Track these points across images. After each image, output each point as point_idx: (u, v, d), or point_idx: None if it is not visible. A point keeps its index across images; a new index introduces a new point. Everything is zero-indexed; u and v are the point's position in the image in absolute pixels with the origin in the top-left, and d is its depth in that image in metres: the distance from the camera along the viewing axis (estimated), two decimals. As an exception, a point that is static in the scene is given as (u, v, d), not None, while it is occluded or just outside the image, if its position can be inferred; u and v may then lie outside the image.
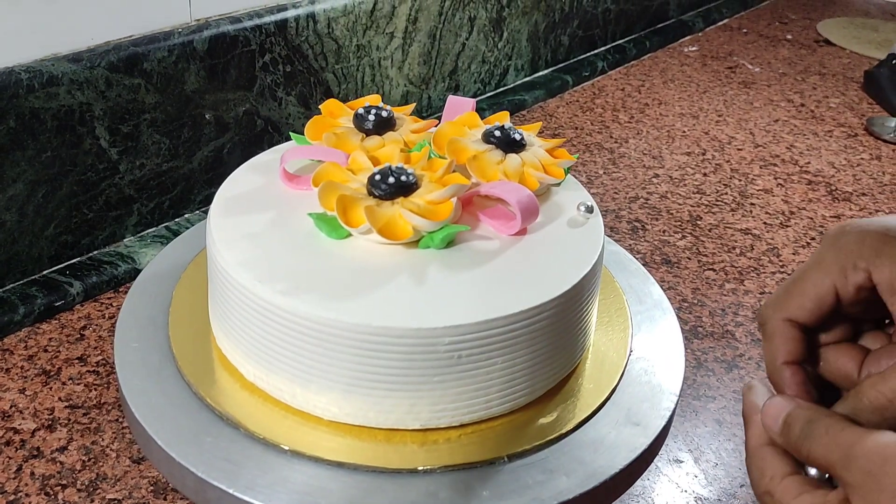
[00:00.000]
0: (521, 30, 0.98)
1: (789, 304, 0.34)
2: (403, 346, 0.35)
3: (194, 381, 0.40)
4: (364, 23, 0.78)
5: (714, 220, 0.79)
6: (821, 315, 0.34)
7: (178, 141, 0.67)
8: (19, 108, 0.57)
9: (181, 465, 0.36)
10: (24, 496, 0.47)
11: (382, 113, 0.46)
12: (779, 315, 0.34)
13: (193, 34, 0.65)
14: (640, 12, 1.18)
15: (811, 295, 0.33)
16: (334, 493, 0.35)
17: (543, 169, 0.45)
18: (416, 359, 0.36)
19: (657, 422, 0.41)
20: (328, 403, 0.37)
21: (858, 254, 0.33)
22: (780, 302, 0.34)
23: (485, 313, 0.36)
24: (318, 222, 0.40)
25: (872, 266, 0.32)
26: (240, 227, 0.41)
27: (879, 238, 0.33)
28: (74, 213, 0.63)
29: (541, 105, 0.98)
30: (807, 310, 0.34)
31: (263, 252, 0.39)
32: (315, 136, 0.47)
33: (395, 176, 0.40)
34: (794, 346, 0.34)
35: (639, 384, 0.42)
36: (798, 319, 0.34)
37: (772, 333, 0.34)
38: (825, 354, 0.35)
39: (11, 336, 0.58)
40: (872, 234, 0.33)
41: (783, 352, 0.34)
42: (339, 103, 0.49)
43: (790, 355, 0.34)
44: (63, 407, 0.53)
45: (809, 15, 1.36)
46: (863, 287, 0.33)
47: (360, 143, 0.46)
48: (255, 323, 0.37)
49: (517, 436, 0.38)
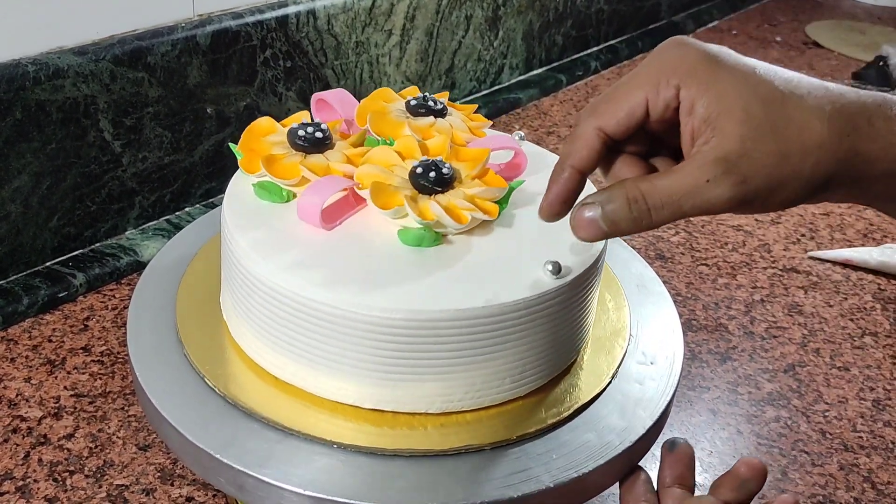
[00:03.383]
0: (517, 29, 0.99)
1: (603, 112, 0.35)
2: (420, 331, 0.36)
3: (204, 368, 0.41)
4: (363, 20, 0.79)
5: (707, 217, 0.80)
6: (629, 127, 0.35)
7: (179, 134, 0.68)
8: (25, 100, 0.57)
9: (197, 447, 0.37)
10: (32, 482, 0.48)
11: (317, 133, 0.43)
12: (591, 121, 0.35)
13: (196, 29, 0.66)
14: (632, 13, 1.19)
15: (623, 105, 0.34)
16: (348, 476, 0.36)
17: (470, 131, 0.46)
18: (435, 343, 0.37)
19: (655, 411, 0.42)
20: (345, 389, 0.38)
21: (673, 70, 0.33)
22: (595, 108, 0.35)
23: (499, 297, 0.37)
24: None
25: (683, 84, 0.33)
26: (254, 215, 0.42)
27: (698, 57, 0.33)
28: (78, 205, 0.63)
29: (535, 103, 1.00)
30: (617, 118, 0.34)
31: (278, 239, 0.40)
32: (246, 150, 0.44)
33: (437, 170, 0.41)
34: (588, 156, 0.35)
35: (637, 373, 0.44)
36: (606, 128, 0.35)
37: (578, 136, 0.35)
38: (616, 162, 0.36)
39: (16, 326, 0.59)
40: (692, 53, 0.34)
41: (577, 157, 0.35)
42: (271, 121, 0.46)
43: (581, 162, 0.35)
44: (69, 395, 0.54)
45: (798, 17, 1.38)
46: (670, 105, 0.34)
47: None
48: (277, 313, 0.38)
49: (525, 419, 0.39)
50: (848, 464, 0.54)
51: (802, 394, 0.59)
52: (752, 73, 0.33)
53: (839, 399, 0.59)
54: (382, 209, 0.39)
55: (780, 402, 0.59)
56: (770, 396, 0.59)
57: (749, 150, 0.32)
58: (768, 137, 0.32)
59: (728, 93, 0.33)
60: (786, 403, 0.58)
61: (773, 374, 0.61)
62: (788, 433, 0.56)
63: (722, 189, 0.32)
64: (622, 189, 0.34)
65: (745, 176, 0.32)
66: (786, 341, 0.65)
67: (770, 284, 0.71)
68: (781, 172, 0.32)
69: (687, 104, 0.33)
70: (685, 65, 0.33)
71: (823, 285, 0.72)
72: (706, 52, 0.34)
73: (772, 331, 0.66)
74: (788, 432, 0.56)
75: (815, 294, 0.70)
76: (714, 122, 0.33)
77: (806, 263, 0.74)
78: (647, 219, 0.34)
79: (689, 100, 0.33)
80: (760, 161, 0.32)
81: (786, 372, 0.61)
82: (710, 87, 0.33)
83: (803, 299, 0.70)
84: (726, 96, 0.33)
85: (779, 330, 0.66)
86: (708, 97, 0.33)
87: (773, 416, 0.57)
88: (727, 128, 0.32)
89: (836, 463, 0.54)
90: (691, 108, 0.33)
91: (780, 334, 0.65)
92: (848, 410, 0.58)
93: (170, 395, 0.39)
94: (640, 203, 0.33)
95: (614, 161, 0.37)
